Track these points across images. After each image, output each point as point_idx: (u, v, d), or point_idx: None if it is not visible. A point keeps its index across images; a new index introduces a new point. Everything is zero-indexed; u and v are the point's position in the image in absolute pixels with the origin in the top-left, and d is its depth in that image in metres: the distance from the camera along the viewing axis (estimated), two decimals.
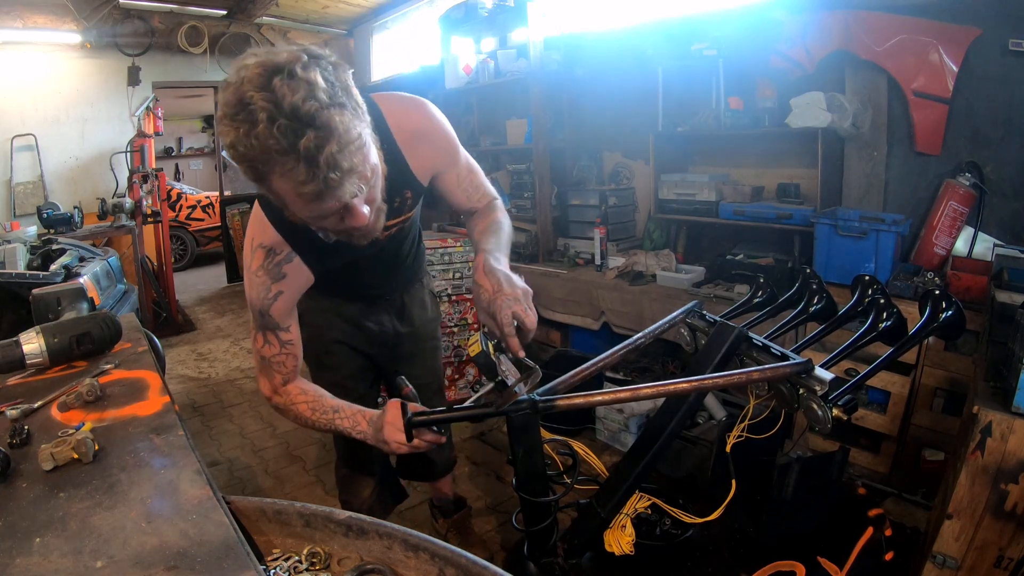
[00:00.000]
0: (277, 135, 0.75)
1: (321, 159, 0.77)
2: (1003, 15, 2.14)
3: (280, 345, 1.17)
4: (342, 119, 0.79)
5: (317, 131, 0.77)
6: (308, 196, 0.82)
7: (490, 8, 3.57)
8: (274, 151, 0.77)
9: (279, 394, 1.21)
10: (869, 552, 1.57)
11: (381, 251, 1.28)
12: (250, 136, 0.76)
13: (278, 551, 0.78)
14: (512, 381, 1.05)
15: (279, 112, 0.75)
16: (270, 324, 1.15)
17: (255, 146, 0.77)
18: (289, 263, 1.12)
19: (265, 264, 1.11)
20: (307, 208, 0.87)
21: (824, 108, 2.41)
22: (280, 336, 1.16)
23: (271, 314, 1.13)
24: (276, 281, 1.12)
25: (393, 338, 1.53)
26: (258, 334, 1.17)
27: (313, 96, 0.76)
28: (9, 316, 2.50)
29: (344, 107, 0.80)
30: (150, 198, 4.52)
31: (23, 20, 4.61)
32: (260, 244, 1.11)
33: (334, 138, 0.78)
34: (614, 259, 3.09)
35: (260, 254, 1.10)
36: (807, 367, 1.13)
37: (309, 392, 1.21)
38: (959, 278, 2.04)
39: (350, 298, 1.46)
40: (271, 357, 1.18)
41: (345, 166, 0.80)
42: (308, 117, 0.76)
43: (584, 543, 1.33)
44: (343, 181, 0.81)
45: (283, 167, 0.79)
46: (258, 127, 0.75)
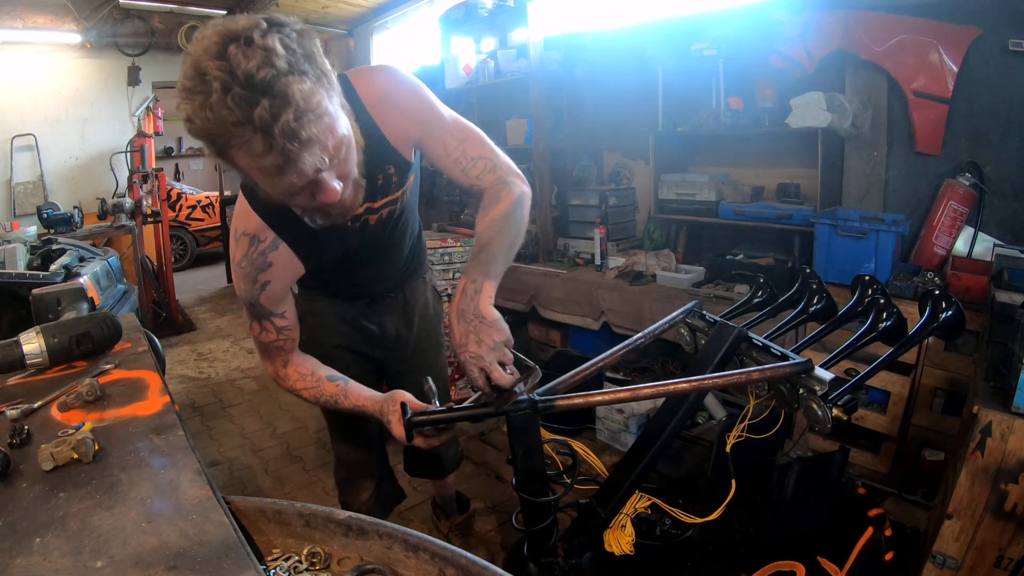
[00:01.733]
0: (231, 105, 0.72)
1: (276, 129, 0.74)
2: (1003, 15, 2.14)
3: (276, 332, 1.15)
4: (301, 87, 0.75)
5: (272, 99, 0.73)
6: (268, 170, 0.79)
7: (490, 8, 3.57)
8: (229, 123, 0.73)
9: (282, 378, 1.22)
10: (869, 552, 1.57)
11: (373, 239, 1.24)
12: (205, 108, 0.73)
13: (278, 551, 0.78)
14: (512, 381, 1.05)
15: (234, 81, 0.72)
16: (262, 313, 1.13)
17: (210, 119, 0.74)
18: (274, 251, 1.08)
19: (249, 253, 1.07)
20: (272, 184, 0.83)
21: (824, 108, 2.41)
22: (275, 323, 1.14)
23: (261, 303, 1.11)
24: (262, 271, 1.08)
25: (395, 340, 1.50)
26: (254, 323, 1.15)
27: (269, 63, 0.73)
28: (9, 316, 2.50)
29: (305, 74, 0.76)
30: (150, 198, 4.52)
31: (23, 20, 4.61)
32: (243, 232, 1.07)
33: (291, 107, 0.74)
34: (614, 259, 3.09)
35: (244, 242, 1.07)
36: (807, 367, 1.13)
37: (307, 377, 1.20)
38: (959, 278, 2.04)
39: (349, 297, 1.42)
40: (269, 343, 1.17)
41: (304, 136, 0.76)
42: (263, 85, 0.72)
43: (584, 543, 1.33)
44: (302, 152, 0.77)
45: (239, 139, 0.75)
46: (212, 98, 0.72)
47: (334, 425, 1.56)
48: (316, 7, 5.23)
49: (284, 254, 1.09)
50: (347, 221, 1.13)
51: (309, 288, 1.43)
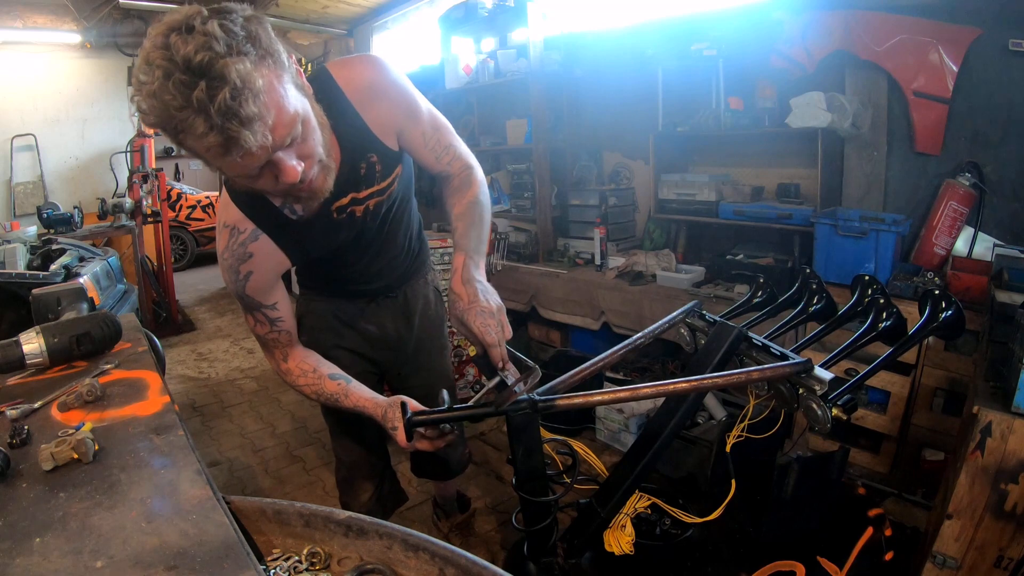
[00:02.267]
0: (172, 90, 0.74)
1: (213, 109, 0.75)
2: (1003, 15, 2.14)
3: (270, 323, 1.16)
4: (239, 67, 0.77)
5: (209, 80, 0.75)
6: (214, 151, 0.80)
7: (490, 8, 3.57)
8: (172, 107, 0.76)
9: (283, 372, 1.23)
10: (869, 552, 1.57)
11: (365, 234, 1.23)
12: (151, 96, 0.76)
13: (278, 551, 0.78)
14: (512, 381, 1.05)
15: (174, 67, 0.74)
16: (252, 304, 1.14)
17: (156, 105, 0.76)
18: (254, 242, 1.09)
19: (230, 244, 1.08)
20: (225, 165, 0.84)
21: (824, 108, 2.40)
22: (268, 314, 1.15)
23: (248, 295, 1.12)
24: (243, 261, 1.09)
25: (395, 341, 1.48)
26: (247, 315, 1.17)
27: (207, 47, 0.75)
28: (9, 316, 2.50)
29: (245, 55, 0.78)
30: (150, 198, 4.52)
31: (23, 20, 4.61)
32: (224, 223, 1.09)
33: (227, 85, 0.76)
34: (614, 259, 3.09)
35: (225, 234, 1.08)
36: (807, 367, 1.13)
37: (309, 374, 1.21)
38: (959, 278, 2.04)
39: (347, 296, 1.41)
40: (265, 335, 1.18)
41: (243, 114, 0.77)
42: (200, 68, 0.74)
43: (584, 543, 1.34)
44: (241, 130, 0.78)
45: (183, 123, 0.77)
46: (155, 85, 0.75)
47: (335, 425, 1.54)
48: (316, 7, 5.22)
49: (265, 245, 1.10)
50: (333, 213, 1.13)
51: (308, 288, 1.43)
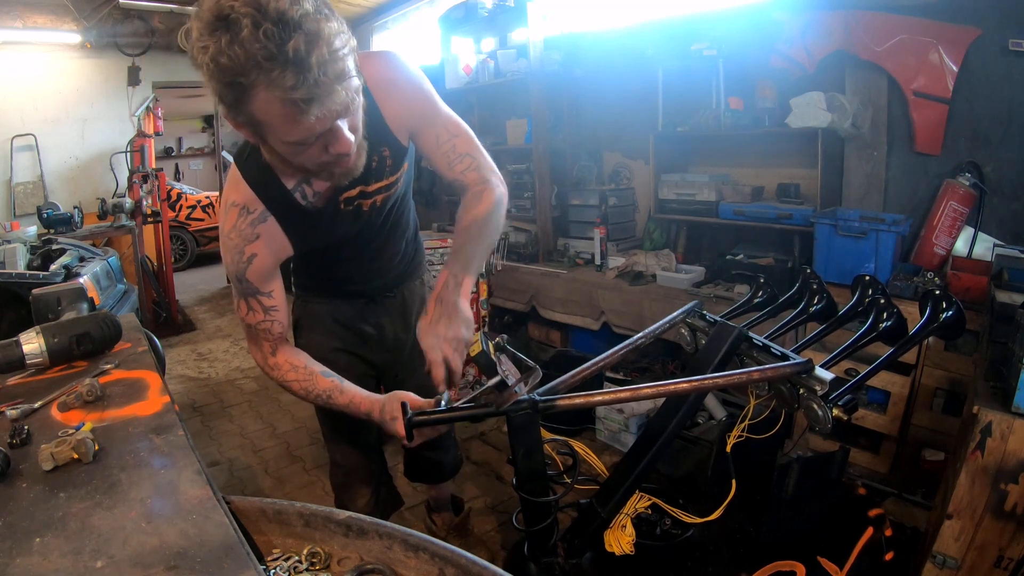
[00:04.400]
0: (263, 39, 0.72)
1: (312, 60, 0.75)
2: (1003, 15, 2.14)
3: (263, 311, 1.13)
4: (330, 25, 0.77)
5: (306, 34, 0.74)
6: (298, 106, 0.78)
7: (490, 8, 3.57)
8: (260, 57, 0.73)
9: (271, 366, 1.19)
10: (869, 552, 1.57)
11: (366, 230, 1.23)
12: (233, 44, 0.73)
13: (278, 551, 0.78)
14: (512, 381, 1.05)
15: (264, 17, 0.72)
16: (249, 289, 1.11)
17: (238, 54, 0.73)
18: (263, 223, 1.07)
19: (237, 223, 1.06)
20: (293, 128, 0.82)
21: (824, 108, 2.40)
22: (262, 301, 1.12)
23: (248, 278, 1.09)
24: (249, 242, 1.07)
25: (393, 343, 1.47)
26: (240, 301, 1.13)
27: (298, 2, 0.74)
28: (9, 316, 2.50)
29: (331, 17, 0.78)
30: (150, 198, 4.52)
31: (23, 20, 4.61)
32: (233, 203, 1.06)
33: (323, 41, 0.75)
34: (614, 259, 3.09)
35: (233, 213, 1.06)
36: (807, 367, 1.13)
37: (300, 369, 1.18)
38: (959, 278, 2.04)
39: (346, 297, 1.40)
40: (256, 324, 1.14)
41: (337, 70, 0.78)
42: (295, 22, 0.73)
43: (584, 543, 1.34)
44: (334, 86, 0.78)
45: (269, 75, 0.75)
46: (242, 32, 0.72)
47: (331, 429, 1.53)
48: None
49: (272, 228, 1.08)
50: (340, 203, 1.13)
51: (305, 290, 1.42)
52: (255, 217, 1.06)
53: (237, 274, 1.09)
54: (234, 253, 1.07)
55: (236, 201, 1.06)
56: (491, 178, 1.21)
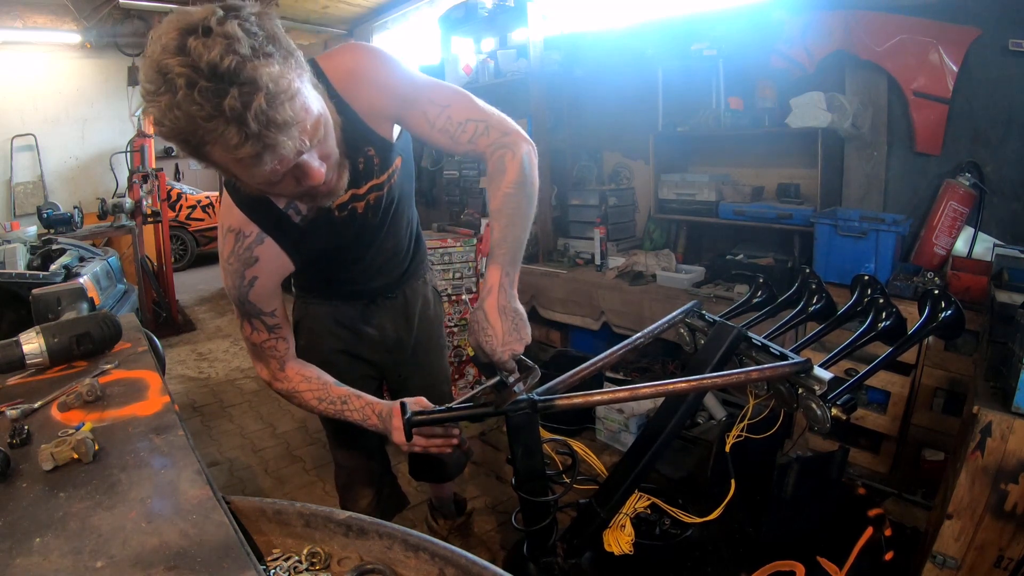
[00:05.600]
0: (199, 100, 0.70)
1: (250, 116, 0.71)
2: (1003, 15, 2.14)
3: (268, 331, 1.12)
4: (269, 70, 0.73)
5: (241, 87, 0.70)
6: (247, 161, 0.76)
7: (490, 8, 3.57)
8: (199, 118, 0.71)
9: (279, 380, 1.18)
10: (869, 552, 1.57)
11: (366, 230, 1.20)
12: (172, 108, 0.71)
13: (278, 551, 0.78)
14: (511, 381, 1.05)
15: (198, 75, 0.69)
16: (252, 311, 1.10)
17: (179, 117, 0.71)
18: (260, 245, 1.05)
19: (235, 249, 1.04)
20: (253, 175, 0.81)
21: (824, 108, 2.41)
22: (266, 321, 1.11)
23: (251, 301, 1.08)
24: (249, 266, 1.05)
25: (395, 343, 1.46)
26: (244, 322, 1.12)
27: (232, 50, 0.70)
28: (9, 316, 2.50)
29: (271, 56, 0.74)
30: (150, 198, 4.52)
31: (23, 20, 4.61)
32: (228, 228, 1.04)
33: (261, 92, 0.72)
34: (614, 259, 3.09)
35: (230, 239, 1.04)
36: (806, 366, 1.13)
37: (312, 380, 1.17)
38: (959, 278, 2.04)
39: (347, 298, 1.38)
40: (261, 344, 1.14)
41: (279, 120, 0.74)
42: (229, 74, 0.70)
43: (584, 543, 1.33)
44: (279, 136, 0.75)
45: (213, 134, 0.72)
46: (179, 94, 0.70)
47: (333, 431, 1.52)
48: (316, 7, 5.22)
49: (270, 248, 1.06)
50: (334, 211, 1.10)
51: (306, 291, 1.41)
52: (251, 240, 1.04)
53: (239, 298, 1.08)
54: (235, 278, 1.06)
55: (231, 226, 1.04)
56: (508, 139, 1.09)
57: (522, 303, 1.09)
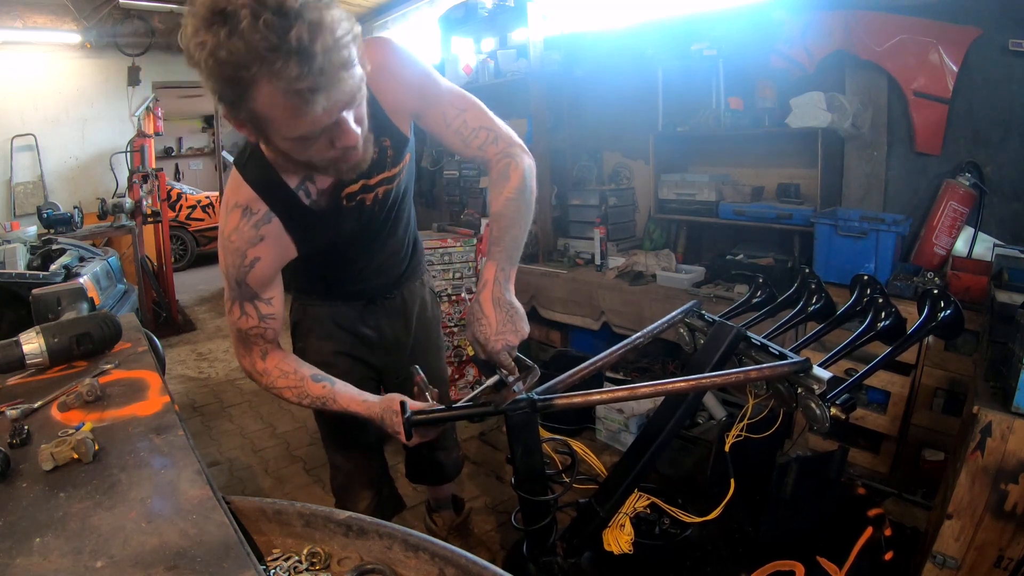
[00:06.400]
0: (264, 29, 0.70)
1: (316, 48, 0.72)
2: (1003, 15, 2.13)
3: (259, 318, 1.08)
4: (333, 14, 0.75)
5: (308, 23, 0.72)
6: (303, 96, 0.75)
7: (490, 8, 3.57)
8: (262, 48, 0.71)
9: (259, 372, 1.14)
10: (869, 552, 1.57)
11: (370, 225, 1.20)
12: (232, 37, 0.70)
13: (278, 551, 0.78)
14: (511, 380, 1.05)
15: (263, 7, 0.70)
16: (247, 294, 1.06)
17: (239, 47, 0.71)
18: (266, 224, 1.03)
19: (240, 226, 1.01)
20: (296, 124, 0.80)
21: (824, 108, 2.40)
22: (259, 308, 1.08)
23: (248, 283, 1.05)
24: (252, 245, 1.02)
25: (394, 345, 1.46)
26: (234, 305, 1.07)
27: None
28: (9, 316, 2.50)
29: (331, 6, 0.76)
30: (150, 198, 4.52)
31: (23, 20, 4.61)
32: (235, 204, 1.02)
33: (326, 29, 0.73)
34: (614, 259, 3.09)
35: (235, 215, 1.01)
36: (805, 366, 1.13)
37: (290, 375, 1.14)
38: (959, 278, 2.04)
39: (346, 298, 1.38)
40: (248, 330, 1.09)
41: (341, 59, 0.75)
42: (296, 11, 0.71)
43: (583, 542, 1.34)
44: (340, 73, 0.76)
45: (272, 67, 0.72)
46: (241, 24, 0.70)
47: (330, 433, 1.51)
48: None
49: (276, 229, 1.04)
50: (343, 199, 1.10)
51: (305, 292, 1.41)
52: (259, 218, 1.02)
53: (237, 278, 1.05)
54: (235, 256, 1.03)
55: (238, 202, 1.02)
56: (513, 150, 1.16)
57: (522, 303, 1.10)
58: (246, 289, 1.06)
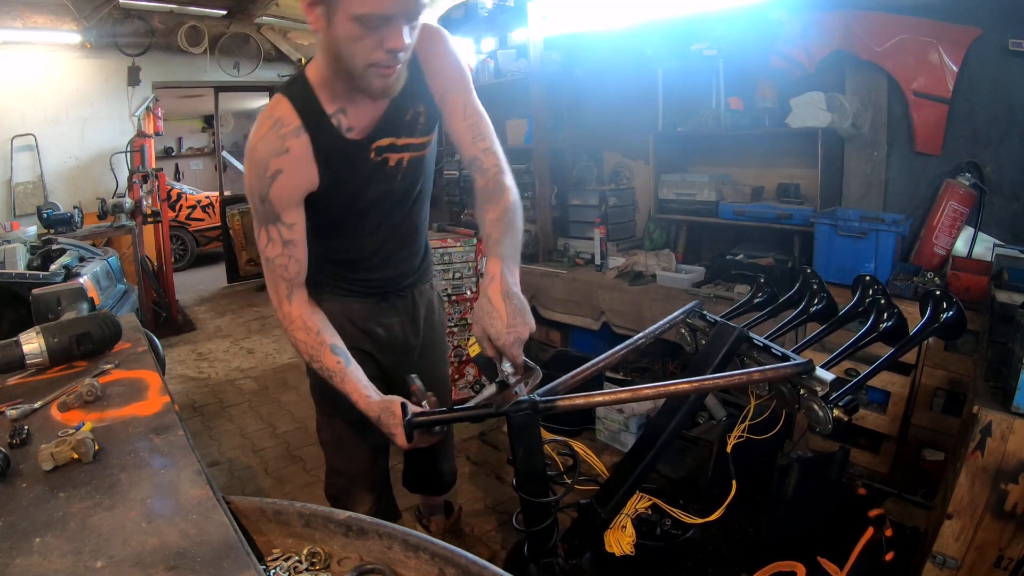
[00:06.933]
0: None
1: None
2: (1003, 15, 2.14)
3: (282, 244, 1.12)
4: None
5: None
6: None
7: (490, 8, 3.57)
8: None
9: (284, 314, 1.17)
10: (869, 552, 1.57)
11: (389, 190, 1.23)
12: None
13: (278, 551, 0.78)
14: (512, 381, 1.05)
15: None
16: (270, 214, 1.09)
17: None
18: (296, 138, 1.07)
19: (268, 135, 1.06)
20: None
21: (824, 108, 2.41)
22: (282, 232, 1.11)
23: (270, 199, 1.08)
24: (276, 155, 1.06)
25: (403, 346, 1.46)
26: (261, 230, 1.12)
27: None
28: (9, 316, 2.50)
29: None
30: (150, 198, 4.52)
31: (23, 20, 4.60)
32: (268, 116, 1.07)
33: None
34: (614, 259, 3.09)
35: (266, 125, 1.07)
36: (808, 368, 1.13)
37: (312, 333, 1.17)
38: (959, 278, 2.04)
39: (360, 293, 1.38)
40: (274, 259, 1.13)
41: None
42: None
43: (584, 543, 1.33)
44: None
45: None
46: None
47: (333, 436, 1.48)
48: None
49: (303, 148, 1.08)
50: (371, 151, 1.15)
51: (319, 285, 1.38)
52: (289, 131, 1.07)
53: (260, 193, 1.08)
54: (258, 168, 1.07)
55: (272, 115, 1.07)
56: (506, 180, 1.23)
57: None
58: (269, 208, 1.09)
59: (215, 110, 6.63)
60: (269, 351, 4.24)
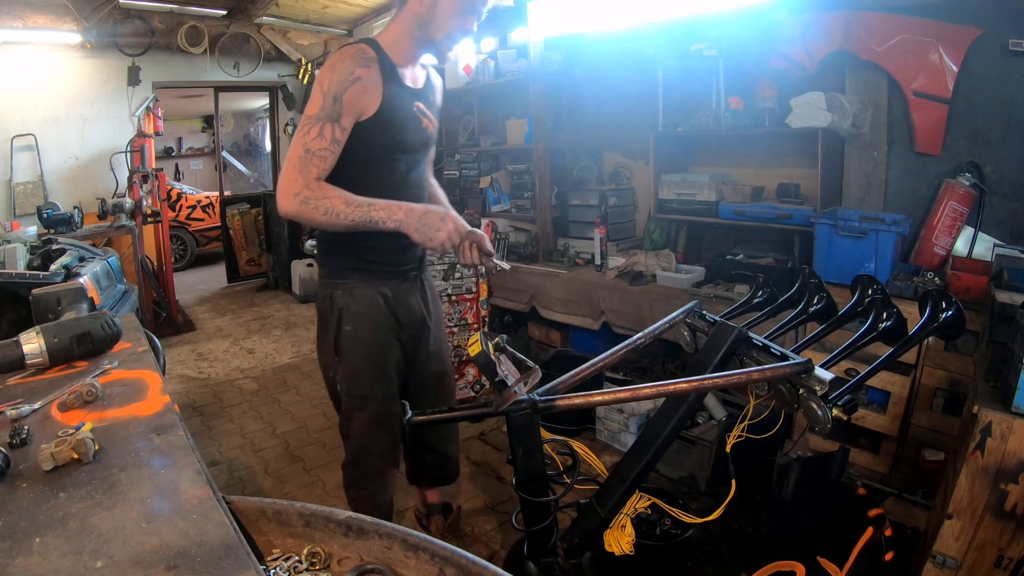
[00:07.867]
0: None
1: None
2: (1003, 15, 2.14)
3: (331, 141, 1.28)
4: None
5: None
6: None
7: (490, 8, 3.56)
8: None
9: (311, 188, 1.28)
10: (869, 552, 1.57)
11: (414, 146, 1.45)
12: None
13: (278, 551, 0.78)
14: (512, 381, 1.05)
15: None
16: (334, 114, 1.27)
17: None
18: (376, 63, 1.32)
19: (354, 55, 1.29)
20: None
21: (824, 108, 2.40)
22: (335, 132, 1.28)
23: (343, 99, 1.26)
24: (362, 65, 1.28)
25: (420, 325, 1.56)
26: (314, 125, 1.27)
27: None
28: (9, 316, 2.49)
29: None
30: (150, 198, 4.52)
31: (23, 20, 4.60)
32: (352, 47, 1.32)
33: None
34: (614, 259, 3.09)
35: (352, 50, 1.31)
36: (807, 367, 1.13)
37: (339, 190, 1.30)
38: (959, 278, 2.04)
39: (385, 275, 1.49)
40: (317, 150, 1.28)
41: None
42: None
43: (584, 543, 1.34)
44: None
45: None
46: None
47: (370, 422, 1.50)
48: (316, 7, 5.22)
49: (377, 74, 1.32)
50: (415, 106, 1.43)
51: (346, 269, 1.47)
52: (371, 58, 1.32)
53: (337, 92, 1.26)
54: (343, 72, 1.27)
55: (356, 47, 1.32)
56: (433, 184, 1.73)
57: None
58: (338, 106, 1.27)
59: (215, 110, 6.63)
60: (269, 351, 4.24)
